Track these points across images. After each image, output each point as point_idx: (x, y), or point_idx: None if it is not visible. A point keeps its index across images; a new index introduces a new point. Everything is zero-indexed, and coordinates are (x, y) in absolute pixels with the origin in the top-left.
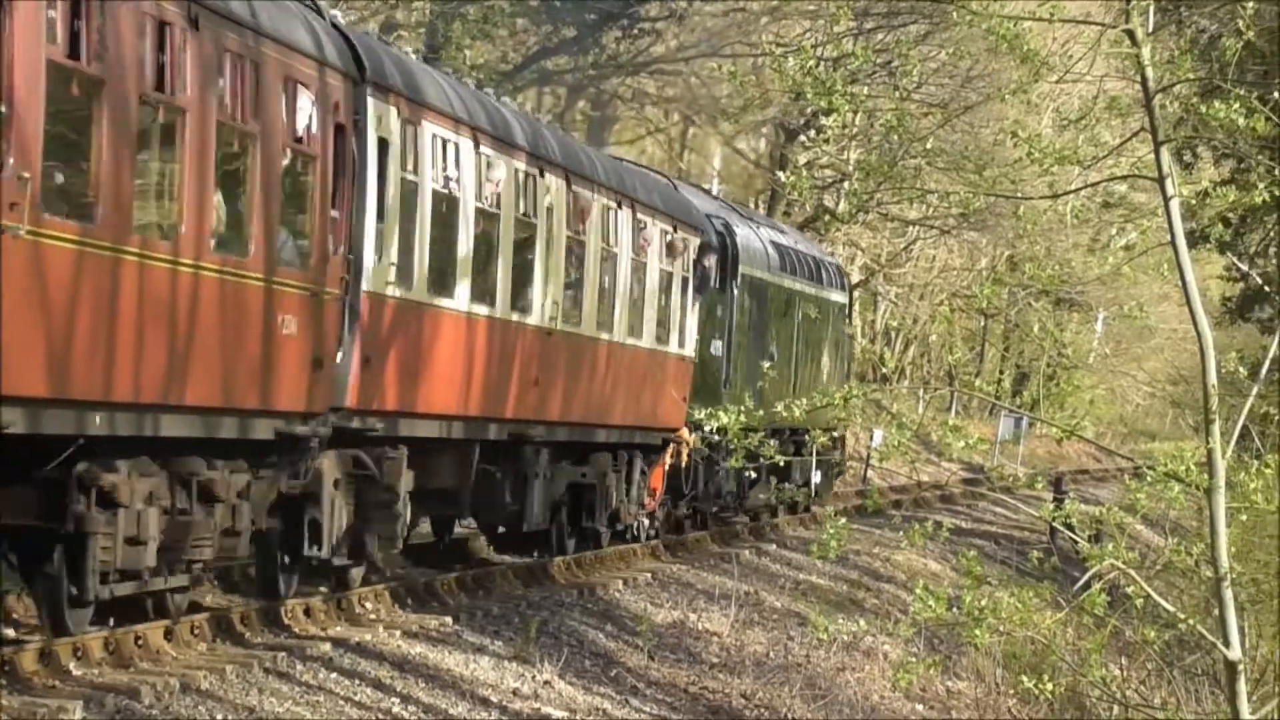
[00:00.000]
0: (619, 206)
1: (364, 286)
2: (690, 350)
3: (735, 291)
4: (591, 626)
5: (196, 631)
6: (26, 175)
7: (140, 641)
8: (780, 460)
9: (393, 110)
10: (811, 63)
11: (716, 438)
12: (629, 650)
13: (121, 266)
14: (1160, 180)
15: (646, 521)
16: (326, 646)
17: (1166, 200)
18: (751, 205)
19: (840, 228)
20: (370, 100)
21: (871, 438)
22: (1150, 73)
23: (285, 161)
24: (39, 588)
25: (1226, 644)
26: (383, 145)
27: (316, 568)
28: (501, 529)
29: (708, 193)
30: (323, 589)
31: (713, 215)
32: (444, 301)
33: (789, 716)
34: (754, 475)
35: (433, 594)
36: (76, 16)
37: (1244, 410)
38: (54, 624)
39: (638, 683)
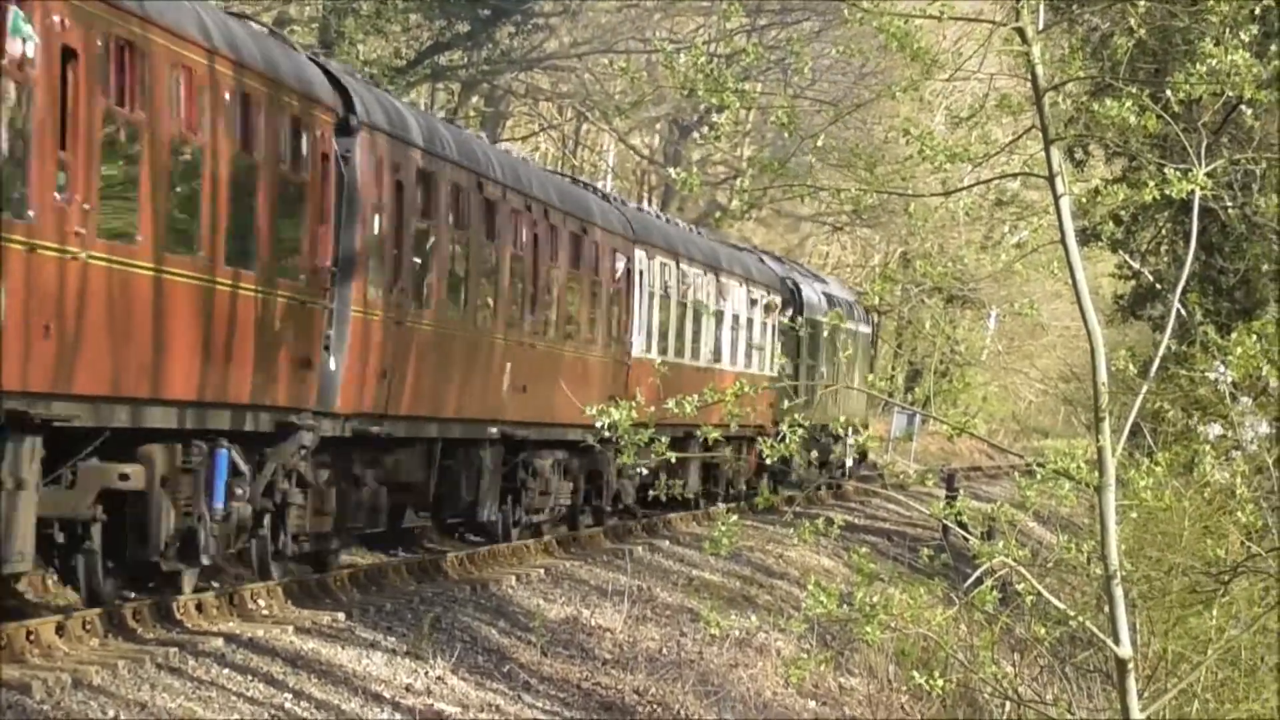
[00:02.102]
0: (739, 284)
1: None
2: (773, 370)
3: (802, 332)
4: (484, 622)
5: (88, 627)
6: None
7: (31, 636)
8: (672, 458)
9: (641, 252)
10: (703, 59)
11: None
12: (522, 646)
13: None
14: (1050, 178)
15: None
16: (219, 642)
17: (1057, 198)
18: (645, 202)
19: (733, 224)
20: (638, 252)
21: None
22: (1040, 71)
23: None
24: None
25: (1117, 641)
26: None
27: None
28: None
29: (780, 260)
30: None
31: (785, 277)
32: (650, 355)
33: (682, 713)
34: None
35: (325, 590)
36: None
37: (1134, 408)
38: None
39: (530, 679)
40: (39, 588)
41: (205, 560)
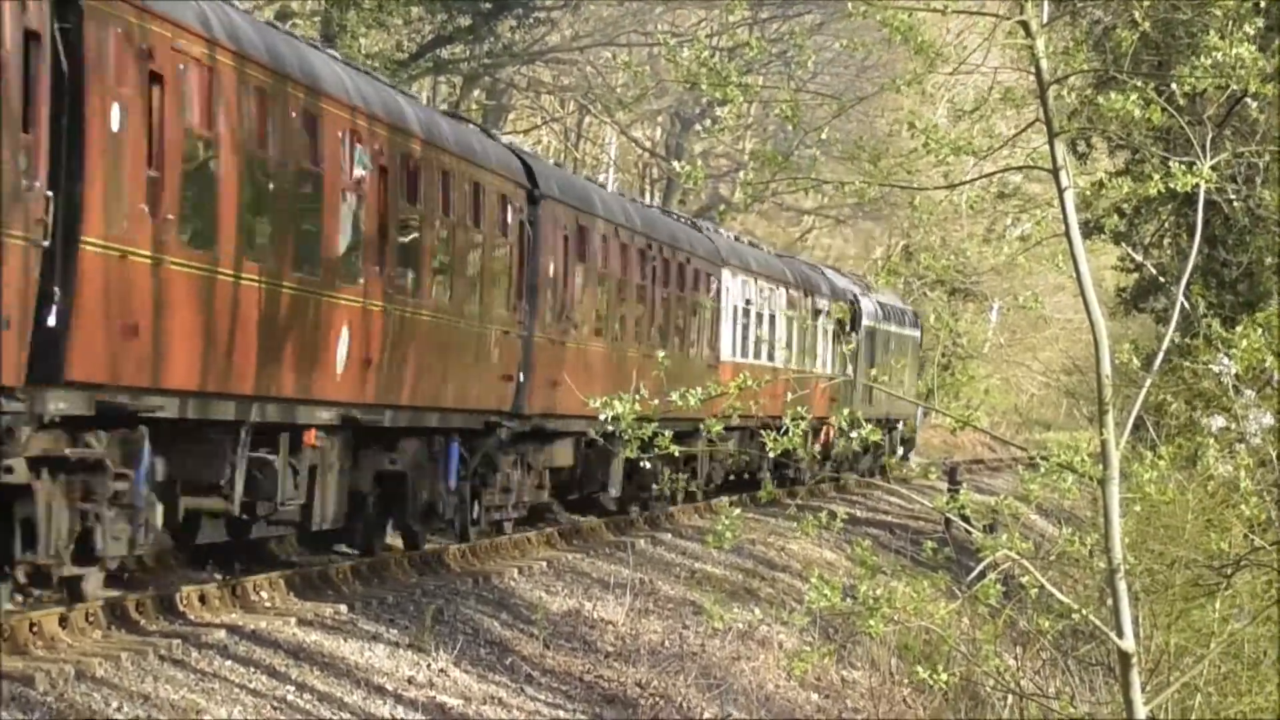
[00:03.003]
0: (805, 297)
1: None
2: (830, 370)
3: (858, 335)
4: (487, 615)
5: (91, 619)
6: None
7: (35, 628)
8: (676, 451)
9: (726, 272)
10: (706, 53)
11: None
12: (524, 639)
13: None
14: (1055, 172)
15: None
16: (221, 634)
17: (1061, 192)
18: (647, 195)
19: (735, 217)
20: (724, 272)
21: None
22: (1045, 64)
23: None
24: None
25: (1120, 635)
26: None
27: None
28: None
29: (842, 273)
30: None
31: (846, 289)
32: (734, 358)
33: (684, 705)
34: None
35: (327, 582)
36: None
37: (1138, 401)
38: None
39: (533, 671)
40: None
41: (443, 523)
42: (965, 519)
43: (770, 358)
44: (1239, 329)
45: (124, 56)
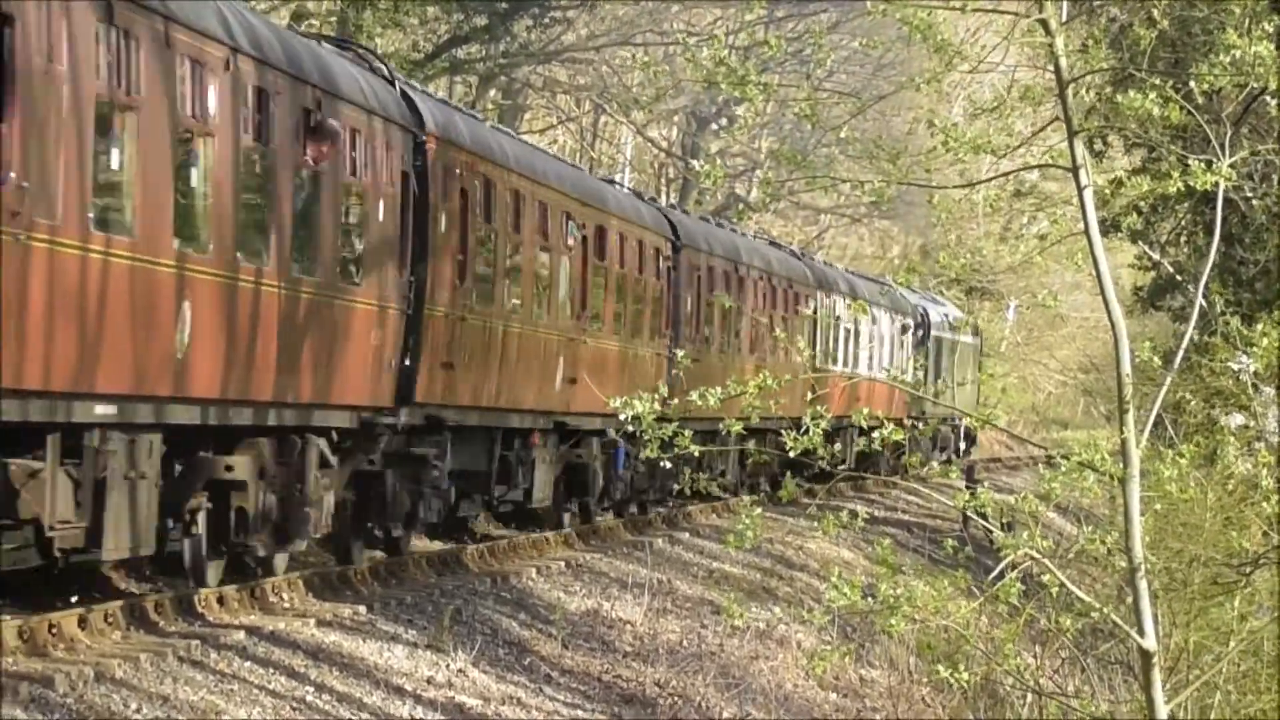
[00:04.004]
0: (884, 313)
1: None
2: (909, 376)
3: (928, 345)
4: (505, 615)
5: (110, 620)
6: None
7: (54, 630)
8: (696, 451)
9: (820, 293)
10: (724, 52)
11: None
12: (543, 639)
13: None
14: (1074, 170)
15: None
16: (240, 635)
17: (1080, 190)
18: (663, 194)
19: (752, 216)
20: (819, 293)
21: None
22: (1064, 63)
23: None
24: None
25: (1141, 633)
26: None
27: None
28: None
29: (911, 289)
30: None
31: (916, 304)
32: (842, 370)
33: (702, 705)
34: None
35: (346, 583)
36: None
37: (1157, 399)
38: None
39: (551, 671)
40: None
41: (611, 503)
42: (984, 517)
43: (857, 366)
44: (1258, 327)
45: (449, 181)
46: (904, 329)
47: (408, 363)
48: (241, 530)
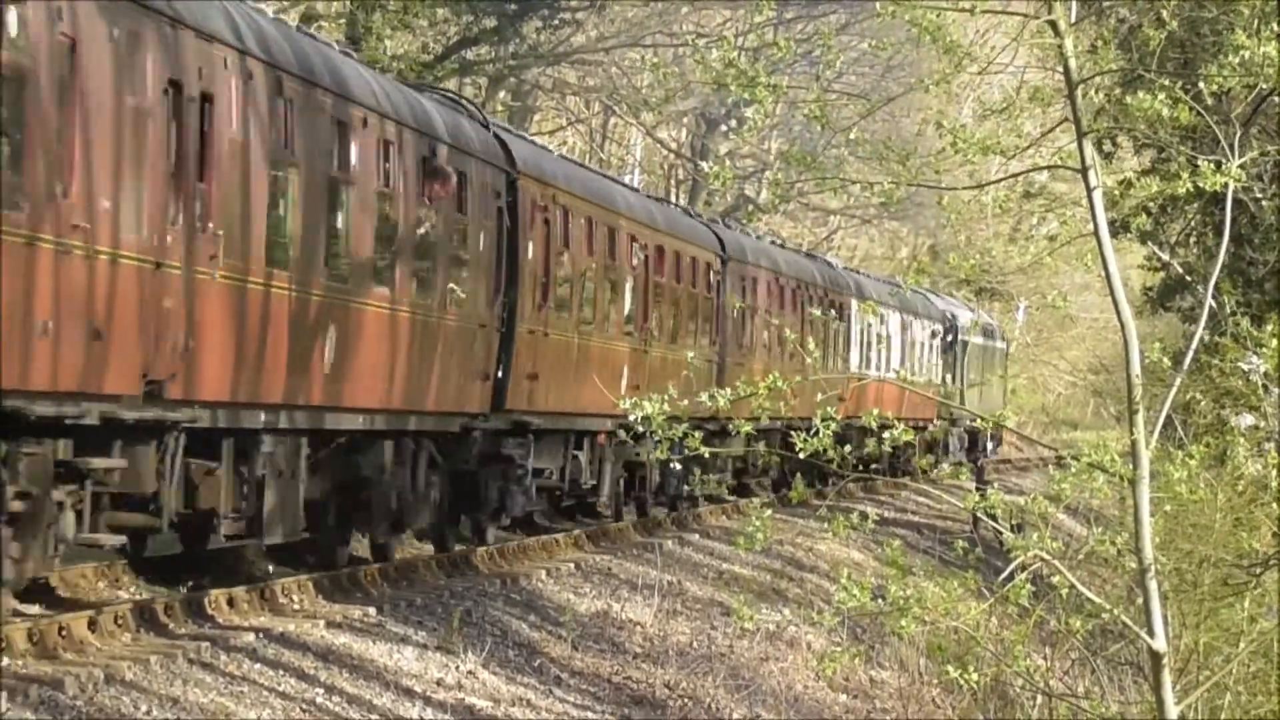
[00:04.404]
0: (916, 320)
1: None
2: (937, 378)
3: (957, 349)
4: (515, 617)
5: (120, 622)
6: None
7: (64, 632)
8: (705, 452)
9: (855, 303)
10: (734, 54)
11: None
12: (552, 640)
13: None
14: (1083, 171)
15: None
16: (250, 637)
17: (1090, 191)
18: (672, 195)
19: (762, 217)
20: (854, 303)
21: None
22: (1073, 64)
23: None
24: None
25: (1151, 634)
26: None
27: None
28: None
29: (943, 296)
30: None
31: (947, 310)
32: (874, 373)
33: (712, 706)
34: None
35: (356, 584)
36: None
37: (1167, 400)
38: None
39: (561, 673)
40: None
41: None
42: (994, 519)
43: (888, 369)
44: (1268, 327)
45: (534, 212)
46: (934, 334)
47: (500, 375)
48: (367, 520)
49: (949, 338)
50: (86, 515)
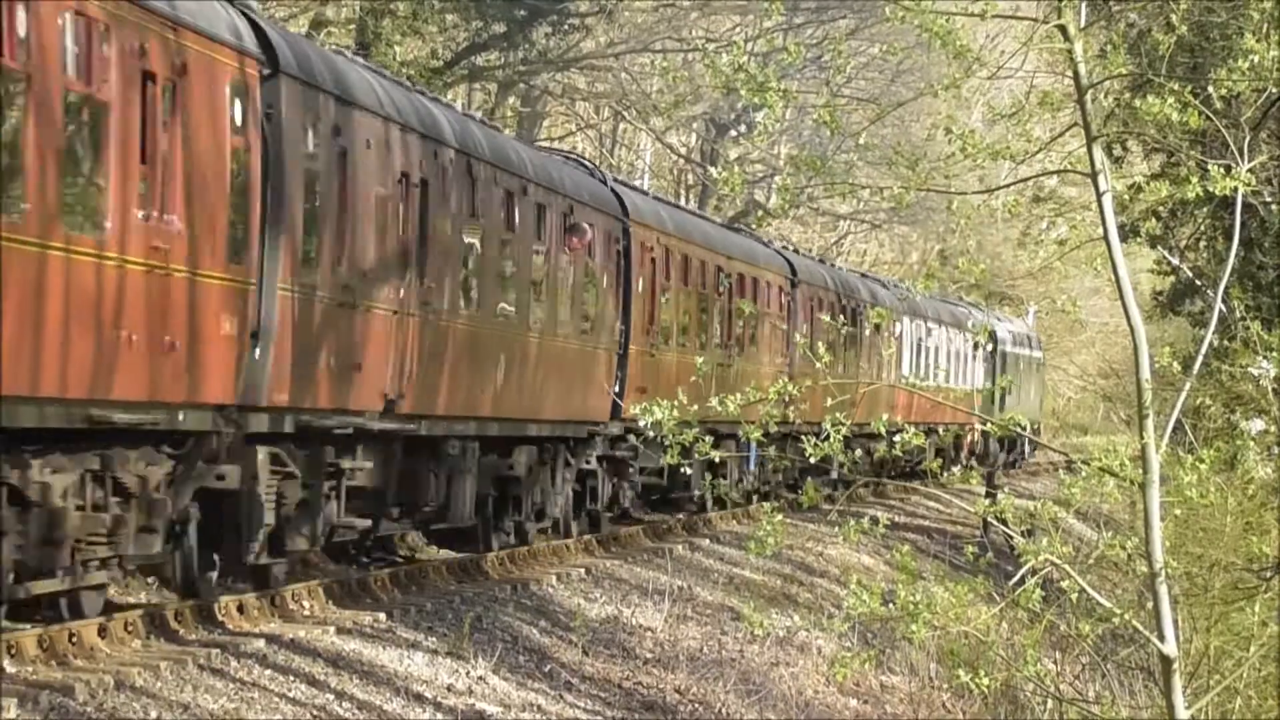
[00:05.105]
0: (958, 331)
1: None
2: (979, 385)
3: (997, 359)
4: (525, 622)
5: (130, 628)
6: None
7: (74, 639)
8: (716, 456)
9: (905, 317)
10: (744, 58)
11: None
12: (563, 646)
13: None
14: (1093, 176)
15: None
16: (260, 643)
17: (1099, 196)
18: (682, 200)
19: (771, 222)
20: (904, 318)
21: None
22: (1082, 68)
23: None
24: None
25: (1161, 639)
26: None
27: None
28: None
29: (981, 309)
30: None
31: (986, 321)
32: (922, 381)
33: (723, 711)
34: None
35: (366, 590)
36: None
37: (1177, 404)
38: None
39: (572, 678)
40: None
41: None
42: (1004, 523)
43: (934, 378)
44: (1278, 331)
45: (643, 253)
46: (976, 345)
47: (617, 389)
48: (516, 511)
49: (990, 348)
50: (342, 505)
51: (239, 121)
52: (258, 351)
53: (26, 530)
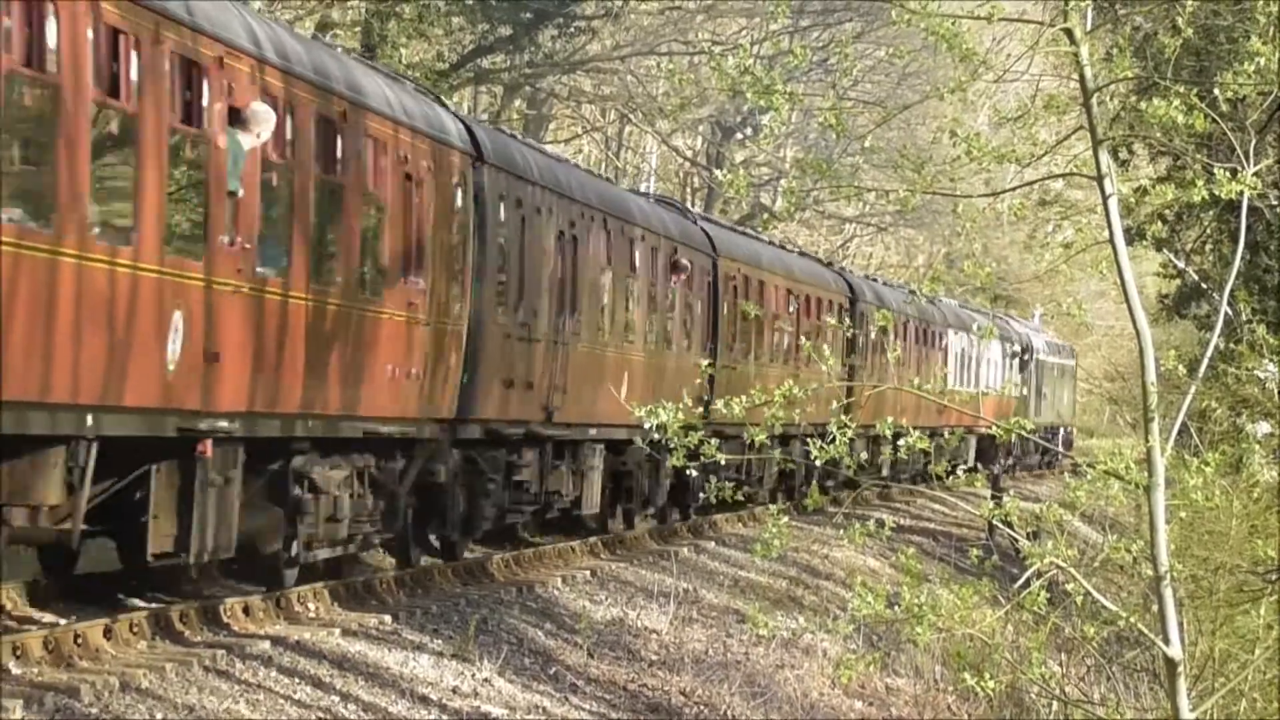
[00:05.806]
0: (996, 342)
1: None
2: (1014, 393)
3: (1031, 369)
4: (530, 624)
5: (135, 630)
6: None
7: (79, 640)
8: (722, 459)
9: (950, 330)
10: (750, 61)
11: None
12: (568, 648)
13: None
14: (1099, 179)
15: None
16: (266, 645)
17: (1105, 199)
18: (688, 203)
19: (777, 225)
20: (949, 330)
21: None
22: (1088, 71)
23: None
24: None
25: (1166, 641)
26: (951, 345)
27: None
28: None
29: (1019, 321)
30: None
31: (1021, 334)
32: (955, 387)
33: (728, 714)
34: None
35: (371, 592)
36: None
37: (1182, 407)
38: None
39: (577, 680)
40: None
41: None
42: (1010, 526)
43: (975, 385)
44: None
45: (727, 283)
46: (1012, 355)
47: (705, 397)
48: (628, 500)
49: (1025, 357)
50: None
51: (458, 204)
52: (467, 377)
53: (317, 512)
